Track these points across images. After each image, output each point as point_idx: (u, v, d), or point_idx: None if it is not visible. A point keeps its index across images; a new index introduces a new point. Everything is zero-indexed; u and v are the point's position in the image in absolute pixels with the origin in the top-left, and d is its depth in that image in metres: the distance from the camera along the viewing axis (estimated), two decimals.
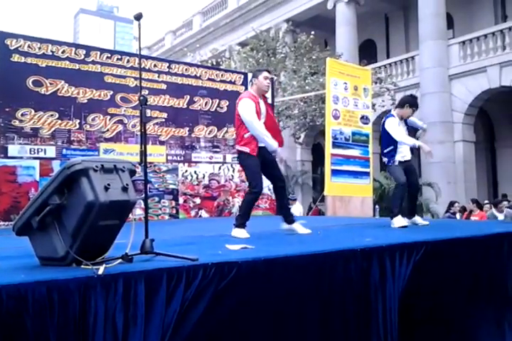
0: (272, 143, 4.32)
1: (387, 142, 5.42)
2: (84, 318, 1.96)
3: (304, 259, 2.74)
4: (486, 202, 12.87)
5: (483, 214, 10.85)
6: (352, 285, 2.91)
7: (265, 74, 4.43)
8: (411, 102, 5.49)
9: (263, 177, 4.39)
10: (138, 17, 3.02)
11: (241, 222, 4.23)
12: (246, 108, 4.29)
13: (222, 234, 4.31)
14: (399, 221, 5.05)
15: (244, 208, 4.36)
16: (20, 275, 2.04)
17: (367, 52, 21.29)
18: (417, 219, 5.45)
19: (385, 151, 5.45)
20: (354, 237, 3.92)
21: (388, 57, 20.68)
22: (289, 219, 4.45)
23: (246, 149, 4.28)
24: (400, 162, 5.36)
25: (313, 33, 15.86)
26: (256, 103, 4.32)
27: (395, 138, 5.30)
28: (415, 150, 17.44)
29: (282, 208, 4.54)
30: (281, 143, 4.51)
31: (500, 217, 9.47)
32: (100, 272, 2.06)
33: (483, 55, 15.36)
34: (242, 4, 23.80)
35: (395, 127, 5.33)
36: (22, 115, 6.58)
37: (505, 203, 10.09)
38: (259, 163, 4.30)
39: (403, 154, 5.39)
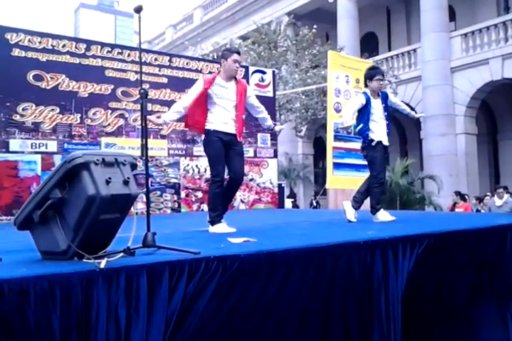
0: (164, 115, 4.19)
1: (358, 119, 5.07)
2: (86, 312, 1.95)
3: (306, 252, 2.72)
4: (488, 194, 12.86)
5: (467, 206, 11.02)
6: (354, 278, 2.90)
7: (235, 56, 4.15)
8: (368, 75, 5.05)
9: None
10: (138, 10, 2.99)
11: (212, 216, 4.05)
12: (193, 87, 4.22)
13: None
14: (385, 215, 4.88)
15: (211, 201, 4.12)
16: (22, 269, 2.03)
17: (368, 45, 21.21)
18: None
19: (357, 129, 5.09)
20: (356, 230, 3.91)
21: (390, 50, 20.60)
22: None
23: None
24: (378, 143, 4.94)
25: (315, 27, 15.79)
26: (207, 83, 4.12)
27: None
28: (417, 143, 17.39)
29: None
30: (239, 134, 4.22)
31: (499, 202, 9.51)
32: (102, 266, 2.05)
33: (486, 47, 15.29)
34: None
35: (351, 102, 5.06)
36: (23, 109, 6.56)
37: (506, 195, 10.06)
38: (222, 149, 4.11)
39: (376, 134, 4.95)
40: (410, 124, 18.60)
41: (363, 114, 5.00)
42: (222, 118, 4.15)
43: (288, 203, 13.84)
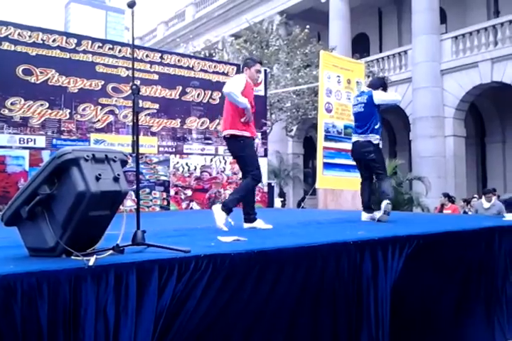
0: (241, 101, 4.11)
1: (376, 117, 5.11)
2: (74, 310, 1.92)
3: (297, 251, 2.72)
4: (475, 196, 12.97)
5: (455, 207, 11.15)
6: (344, 277, 2.90)
7: (257, 67, 4.36)
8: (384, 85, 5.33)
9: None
10: (131, 4, 2.96)
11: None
12: (233, 81, 4.22)
13: (214, 226, 4.27)
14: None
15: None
16: (9, 265, 2.00)
17: (360, 46, 21.27)
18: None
19: (376, 127, 5.09)
20: (346, 230, 3.91)
21: (381, 51, 20.68)
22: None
23: (246, 133, 4.22)
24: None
25: (308, 26, 15.80)
26: (247, 84, 4.22)
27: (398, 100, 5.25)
28: (406, 145, 17.44)
29: None
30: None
31: (487, 205, 9.59)
32: (91, 263, 2.03)
33: (476, 50, 15.39)
34: None
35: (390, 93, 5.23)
36: (11, 104, 6.49)
37: (494, 198, 10.15)
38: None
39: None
40: (400, 126, 18.70)
41: (380, 115, 5.15)
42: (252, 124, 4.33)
43: (277, 202, 13.84)
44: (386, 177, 5.09)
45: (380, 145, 5.16)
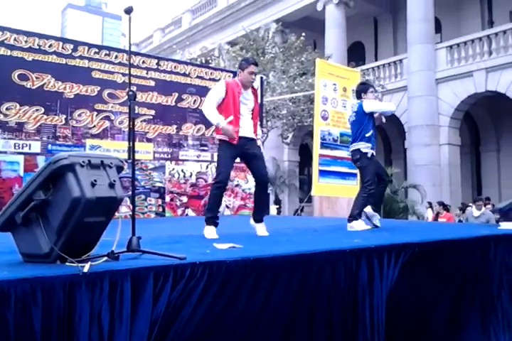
0: (212, 119, 4.13)
1: (367, 125, 5.10)
2: (69, 317, 1.90)
3: (293, 259, 2.71)
4: (470, 204, 12.99)
5: (450, 216, 11.18)
6: (340, 285, 2.89)
7: (251, 68, 4.27)
8: (363, 89, 5.32)
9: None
10: (128, 10, 2.96)
11: (206, 216, 4.13)
12: (208, 96, 4.27)
13: None
14: (359, 224, 4.86)
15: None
16: (3, 271, 1.98)
17: (355, 54, 21.38)
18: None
19: (367, 135, 5.07)
20: (342, 238, 3.90)
21: (376, 59, 20.80)
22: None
23: (220, 136, 4.20)
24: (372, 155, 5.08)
25: (303, 34, 15.88)
26: (229, 89, 4.20)
27: (391, 110, 5.19)
28: (401, 153, 17.48)
29: None
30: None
31: (476, 213, 9.65)
32: (86, 270, 2.01)
33: (470, 60, 15.51)
34: (232, 3, 23.77)
35: (380, 102, 5.27)
36: (7, 109, 6.47)
37: (488, 206, 10.20)
38: (232, 155, 4.20)
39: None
40: (395, 134, 18.77)
41: (372, 123, 5.14)
42: (242, 125, 4.23)
43: (273, 209, 13.84)
44: (364, 190, 5.00)
45: (371, 154, 5.05)
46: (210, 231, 4.00)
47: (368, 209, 5.10)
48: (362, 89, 5.32)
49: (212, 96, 4.23)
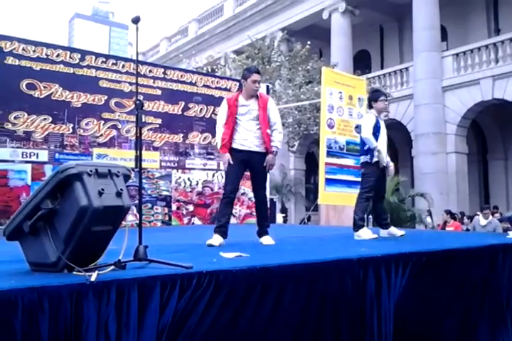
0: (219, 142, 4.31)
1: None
2: (76, 326, 1.90)
3: (299, 268, 2.69)
4: (478, 213, 12.90)
5: (457, 225, 11.10)
6: (347, 295, 2.87)
7: (254, 77, 4.25)
8: (372, 97, 5.26)
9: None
10: (136, 20, 2.99)
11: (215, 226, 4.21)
12: (219, 110, 4.43)
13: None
14: (366, 233, 4.82)
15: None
16: (10, 280, 1.98)
17: (361, 63, 21.42)
18: (392, 229, 5.18)
19: (365, 148, 5.07)
20: (349, 247, 3.89)
21: (382, 67, 20.80)
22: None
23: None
24: (376, 162, 4.99)
25: (309, 43, 15.93)
26: (231, 105, 4.26)
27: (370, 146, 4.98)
28: (408, 161, 17.41)
29: None
30: (268, 149, 4.31)
31: (483, 222, 9.59)
32: (93, 279, 2.01)
33: (477, 68, 15.48)
34: (237, 12, 23.90)
35: (365, 124, 5.06)
36: (15, 118, 6.52)
37: (496, 215, 10.14)
38: (239, 166, 4.25)
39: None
40: (402, 142, 18.72)
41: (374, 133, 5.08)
42: (244, 137, 4.26)
43: (279, 218, 13.81)
44: (360, 196, 5.03)
45: (375, 162, 5.01)
46: (212, 238, 4.02)
47: (394, 230, 5.13)
48: (372, 98, 5.27)
49: (218, 117, 4.42)
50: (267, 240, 4.21)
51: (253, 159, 4.25)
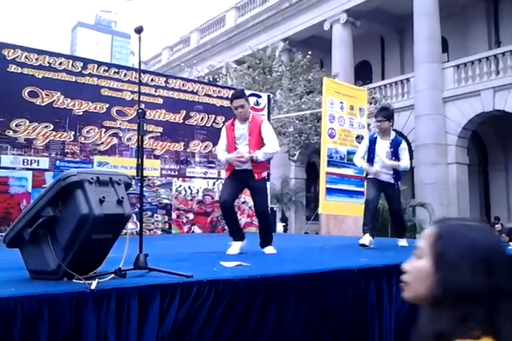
0: (221, 157, 4.52)
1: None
2: (75, 334, 1.89)
3: (300, 278, 2.68)
4: None
5: None
6: (348, 305, 2.85)
7: (233, 104, 4.32)
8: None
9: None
10: (139, 30, 3.01)
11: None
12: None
13: (216, 250, 4.24)
14: (363, 238, 4.97)
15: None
16: (10, 288, 1.97)
17: (362, 73, 21.48)
18: (398, 240, 5.43)
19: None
20: (350, 257, 3.87)
21: (383, 78, 20.87)
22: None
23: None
24: (373, 178, 5.30)
25: (310, 53, 16.00)
26: (229, 130, 4.44)
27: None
28: (408, 172, 17.41)
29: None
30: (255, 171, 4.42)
31: None
32: (93, 287, 2.00)
33: (478, 79, 15.52)
34: (239, 23, 24.04)
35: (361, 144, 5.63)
36: (16, 125, 6.52)
37: (497, 226, 10.11)
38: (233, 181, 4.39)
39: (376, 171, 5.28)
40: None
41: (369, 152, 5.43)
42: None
43: (280, 227, 13.78)
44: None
45: (366, 175, 5.50)
46: (230, 247, 4.17)
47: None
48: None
49: (219, 141, 4.60)
50: (269, 249, 4.26)
51: (248, 176, 4.32)
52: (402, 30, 20.67)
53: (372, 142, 5.37)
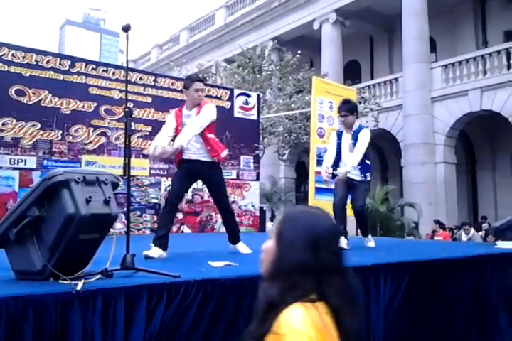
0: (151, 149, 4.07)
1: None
2: (61, 335, 1.87)
3: None
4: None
5: (446, 234, 11.15)
6: None
7: (196, 85, 4.09)
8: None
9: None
10: (126, 28, 2.99)
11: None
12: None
13: (204, 250, 4.23)
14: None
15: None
16: None
17: (351, 73, 21.53)
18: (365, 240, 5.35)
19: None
20: None
21: (372, 78, 20.95)
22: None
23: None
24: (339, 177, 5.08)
25: (299, 52, 16.01)
26: (176, 116, 4.17)
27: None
28: (397, 171, 17.37)
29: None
30: (217, 156, 4.16)
31: (464, 238, 9.73)
32: (79, 287, 1.98)
33: (465, 79, 15.63)
34: (229, 22, 24.01)
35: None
36: (3, 124, 6.46)
37: (484, 225, 10.21)
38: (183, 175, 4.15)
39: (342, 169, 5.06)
40: (391, 152, 18.82)
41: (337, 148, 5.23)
42: (190, 147, 4.09)
43: (269, 227, 13.76)
44: None
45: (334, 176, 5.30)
46: (152, 251, 3.74)
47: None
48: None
49: (162, 127, 4.24)
50: (243, 248, 4.22)
51: (203, 168, 4.13)
52: (391, 30, 20.76)
53: (339, 137, 5.20)
